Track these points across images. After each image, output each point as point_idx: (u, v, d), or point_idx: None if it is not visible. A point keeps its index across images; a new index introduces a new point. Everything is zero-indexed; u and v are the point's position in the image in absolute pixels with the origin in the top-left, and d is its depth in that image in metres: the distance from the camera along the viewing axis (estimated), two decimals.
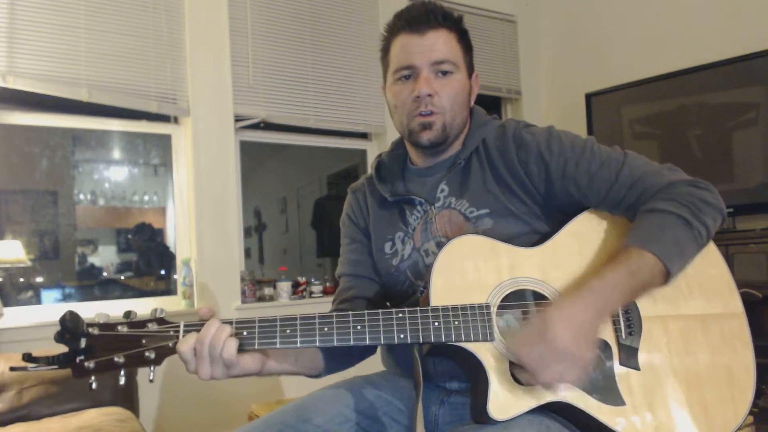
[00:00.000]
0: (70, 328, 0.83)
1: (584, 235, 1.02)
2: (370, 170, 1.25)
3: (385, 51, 1.14)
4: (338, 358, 1.11)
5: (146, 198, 3.69)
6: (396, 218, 1.17)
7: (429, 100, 1.06)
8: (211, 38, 2.84)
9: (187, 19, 2.79)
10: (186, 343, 0.85)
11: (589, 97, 3.52)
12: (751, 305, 1.01)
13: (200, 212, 2.76)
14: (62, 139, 3.22)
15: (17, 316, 2.44)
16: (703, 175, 1.01)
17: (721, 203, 0.98)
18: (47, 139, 3.16)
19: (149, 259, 3.58)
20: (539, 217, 1.06)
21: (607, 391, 0.91)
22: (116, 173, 3.58)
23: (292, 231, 5.64)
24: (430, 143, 1.09)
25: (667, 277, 0.92)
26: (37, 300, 3.07)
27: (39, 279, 3.14)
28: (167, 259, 3.18)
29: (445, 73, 1.07)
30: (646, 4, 3.49)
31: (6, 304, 2.46)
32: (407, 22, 1.08)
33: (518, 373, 0.88)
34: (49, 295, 3.17)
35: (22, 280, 3.03)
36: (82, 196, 3.47)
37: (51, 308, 2.65)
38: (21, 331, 2.32)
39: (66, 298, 3.24)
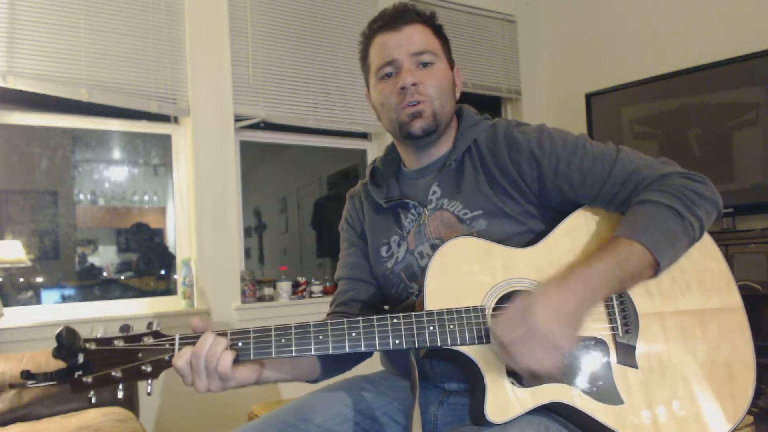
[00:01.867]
0: (66, 344, 0.84)
1: (579, 232, 1.01)
2: (366, 176, 1.25)
3: (365, 56, 1.16)
4: (335, 363, 1.11)
5: (146, 198, 3.69)
6: (391, 222, 1.17)
7: (414, 89, 1.06)
8: (211, 38, 2.84)
9: (187, 19, 2.79)
10: (182, 358, 0.86)
11: (589, 97, 3.52)
12: (751, 301, 1.00)
13: (200, 212, 2.76)
14: (62, 139, 3.22)
15: (17, 316, 2.44)
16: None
17: (716, 196, 0.96)
18: (47, 139, 3.16)
19: (149, 259, 3.58)
20: (534, 216, 1.05)
21: (604, 389, 0.91)
22: (116, 173, 3.58)
23: (292, 231, 5.64)
24: (423, 131, 1.08)
25: (656, 268, 0.91)
26: (37, 300, 3.07)
27: (39, 279, 3.14)
28: (167, 259, 3.17)
29: (426, 64, 1.08)
30: (646, 5, 3.49)
31: (6, 304, 2.46)
32: (383, 23, 1.10)
33: (498, 354, 0.87)
34: (49, 295, 3.17)
35: (22, 280, 3.03)
36: (82, 196, 3.47)
37: (51, 308, 2.65)
38: (21, 331, 2.32)
39: (66, 298, 3.24)
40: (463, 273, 0.95)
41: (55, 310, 2.62)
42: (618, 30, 3.63)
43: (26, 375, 0.84)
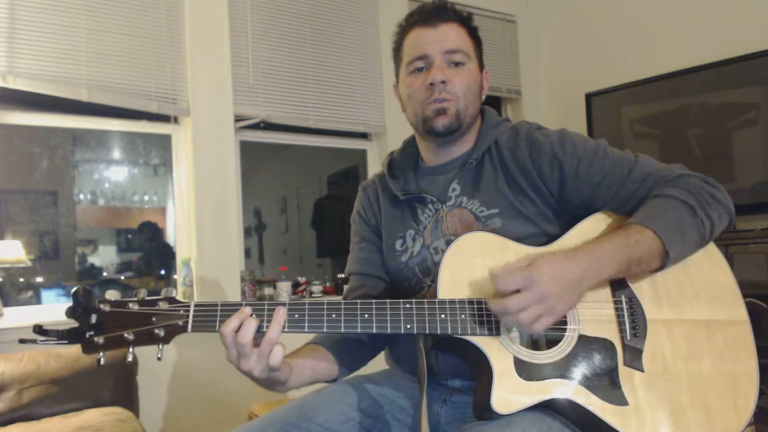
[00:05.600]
0: (82, 302, 0.85)
1: (593, 236, 1.01)
2: (381, 167, 1.26)
3: (398, 47, 1.17)
4: (351, 361, 1.12)
5: (146, 198, 3.69)
6: (407, 216, 1.18)
7: (443, 87, 1.08)
8: (211, 38, 2.83)
9: (187, 19, 2.78)
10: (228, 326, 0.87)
11: (589, 97, 3.52)
12: (755, 314, 1.01)
13: (200, 212, 2.76)
14: (62, 139, 3.22)
15: (17, 316, 2.44)
16: None
17: (729, 203, 0.99)
18: (47, 139, 3.16)
19: (149, 259, 3.58)
20: (549, 219, 1.07)
21: (610, 390, 0.91)
22: (116, 173, 3.58)
23: (292, 231, 5.64)
24: (445, 128, 1.09)
25: (665, 258, 0.93)
26: (37, 300, 3.07)
27: (39, 279, 3.14)
28: (167, 258, 3.18)
29: (457, 63, 1.10)
30: (645, 5, 3.49)
31: (6, 304, 2.46)
32: (420, 18, 1.12)
33: (490, 302, 0.88)
34: (49, 295, 3.18)
35: (22, 280, 3.03)
36: (82, 196, 3.47)
37: (51, 308, 2.65)
38: (21, 331, 2.29)
39: (66, 298, 3.24)
40: (476, 266, 0.96)
41: (55, 310, 2.61)
42: (618, 30, 3.63)
43: (39, 330, 0.84)
